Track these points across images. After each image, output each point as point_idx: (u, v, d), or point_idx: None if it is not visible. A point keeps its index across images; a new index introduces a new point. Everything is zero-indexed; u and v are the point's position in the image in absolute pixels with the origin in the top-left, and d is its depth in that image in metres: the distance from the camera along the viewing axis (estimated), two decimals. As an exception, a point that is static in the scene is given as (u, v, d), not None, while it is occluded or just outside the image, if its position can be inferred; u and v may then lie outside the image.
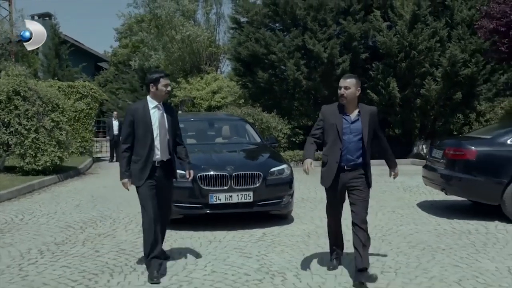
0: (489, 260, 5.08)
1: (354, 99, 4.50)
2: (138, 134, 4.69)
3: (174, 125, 4.91)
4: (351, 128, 4.48)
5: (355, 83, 4.49)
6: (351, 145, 4.48)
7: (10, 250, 5.54)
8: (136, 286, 4.35)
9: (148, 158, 4.66)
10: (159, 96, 4.76)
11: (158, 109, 4.77)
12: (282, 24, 20.59)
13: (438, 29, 18.10)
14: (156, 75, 4.81)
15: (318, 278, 4.54)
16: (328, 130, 4.52)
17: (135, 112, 4.75)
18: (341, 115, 4.51)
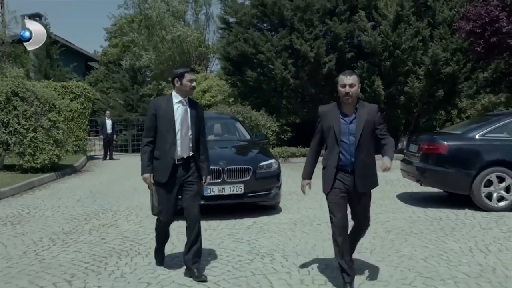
0: (454, 242, 5.72)
1: (357, 97, 4.22)
2: (161, 130, 4.56)
3: (198, 121, 4.71)
4: (349, 129, 4.19)
5: (358, 80, 4.20)
6: (351, 146, 4.18)
7: (23, 239, 6.08)
8: (141, 266, 4.92)
9: (169, 154, 4.53)
10: (184, 91, 4.60)
11: (182, 105, 4.62)
12: (270, 25, 21.17)
13: (421, 29, 18.80)
14: (181, 70, 4.65)
15: (302, 258, 5.14)
16: (326, 132, 4.24)
17: (158, 106, 4.62)
18: (339, 115, 4.22)
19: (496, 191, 7.48)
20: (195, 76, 4.76)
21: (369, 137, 4.21)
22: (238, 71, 20.88)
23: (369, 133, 4.20)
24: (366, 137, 4.18)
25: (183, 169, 4.60)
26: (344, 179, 4.21)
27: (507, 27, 12.20)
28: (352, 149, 4.16)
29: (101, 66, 36.42)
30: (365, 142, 4.17)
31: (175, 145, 4.55)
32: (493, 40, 12.63)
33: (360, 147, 4.15)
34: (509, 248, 5.43)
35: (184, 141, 4.59)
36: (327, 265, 4.86)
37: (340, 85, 4.19)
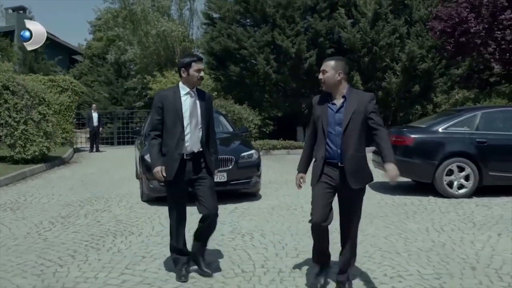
0: (414, 223, 6.42)
1: (336, 84, 3.92)
2: (167, 123, 4.31)
3: (207, 114, 4.46)
4: (336, 118, 3.93)
5: (334, 66, 3.92)
6: (338, 137, 3.92)
7: (25, 223, 6.64)
8: (135, 243, 5.52)
9: (177, 149, 4.28)
10: (191, 82, 4.33)
11: (191, 96, 4.35)
12: (252, 21, 21.73)
13: (398, 26, 19.56)
14: (187, 59, 4.39)
15: (278, 237, 5.79)
16: (317, 122, 4.03)
17: (164, 99, 4.35)
18: (327, 104, 3.99)
19: (457, 179, 8.23)
20: (203, 66, 4.43)
21: (359, 128, 3.88)
22: (221, 65, 21.43)
23: (359, 123, 3.87)
24: (355, 128, 3.86)
25: (193, 164, 4.36)
26: (331, 173, 3.95)
27: (475, 28, 12.97)
28: (339, 140, 3.90)
29: (85, 60, 36.70)
30: (353, 133, 3.86)
31: (183, 140, 4.28)
32: (462, 39, 13.41)
33: (347, 138, 3.86)
34: (461, 228, 6.14)
35: (194, 135, 4.33)
36: (299, 241, 5.52)
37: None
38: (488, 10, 12.99)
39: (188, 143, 4.31)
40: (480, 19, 13.06)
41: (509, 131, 8.47)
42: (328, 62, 3.97)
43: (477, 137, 8.25)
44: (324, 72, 3.95)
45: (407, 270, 4.56)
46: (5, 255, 5.10)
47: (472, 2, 13.13)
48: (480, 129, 8.38)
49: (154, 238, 5.73)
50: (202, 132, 4.39)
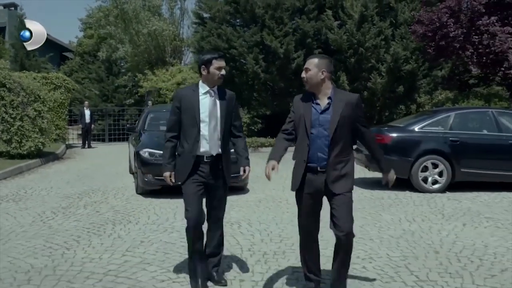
0: (389, 214, 7.01)
1: (319, 83, 3.72)
2: (184, 123, 4.13)
3: (229, 114, 4.21)
4: (320, 119, 3.72)
5: (317, 64, 3.72)
6: (321, 140, 3.71)
7: (28, 212, 7.12)
8: (134, 230, 6.04)
9: (192, 151, 4.06)
10: (211, 80, 4.09)
11: (210, 95, 4.11)
12: (242, 21, 22.26)
13: (383, 28, 20.17)
14: (208, 56, 4.12)
15: (264, 225, 6.34)
16: (298, 122, 3.80)
17: (182, 98, 4.15)
18: (311, 104, 3.77)
19: (431, 175, 8.84)
20: (224, 63, 4.16)
21: (346, 131, 3.72)
22: (211, 64, 21.90)
23: (347, 127, 3.71)
24: (343, 132, 3.69)
25: (210, 168, 4.12)
26: (312, 179, 3.75)
27: (454, 32, 13.60)
28: (321, 144, 3.70)
29: (76, 57, 36.94)
30: (341, 137, 3.69)
31: (198, 141, 4.06)
32: (442, 43, 14.04)
33: (334, 142, 3.67)
34: (431, 219, 6.73)
35: (213, 137, 4.09)
36: (283, 229, 6.08)
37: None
38: (467, 16, 13.63)
39: (205, 145, 4.07)
40: (459, 24, 13.69)
41: (480, 131, 9.11)
42: (312, 60, 3.79)
43: (450, 136, 8.87)
44: (307, 70, 3.75)
45: (377, 253, 5.14)
46: (15, 239, 5.60)
47: (451, 8, 13.75)
48: (453, 128, 8.99)
49: (150, 226, 6.25)
50: (221, 135, 4.13)
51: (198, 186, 4.08)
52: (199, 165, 4.08)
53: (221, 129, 4.14)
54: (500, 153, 8.85)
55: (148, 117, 10.56)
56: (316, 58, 3.79)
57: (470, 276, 4.46)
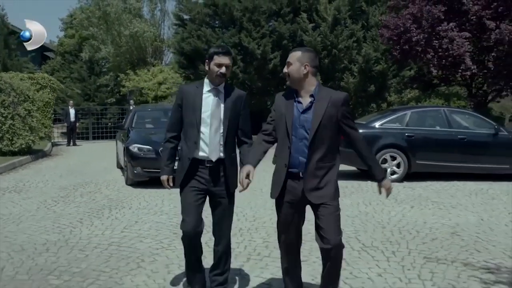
0: (349, 200, 8.07)
1: (301, 79, 3.37)
2: (185, 123, 3.80)
3: (235, 116, 3.80)
4: (300, 119, 3.37)
5: (300, 57, 3.37)
6: (302, 142, 3.35)
7: (32, 201, 8.00)
8: (128, 213, 6.98)
9: (189, 153, 3.73)
10: (211, 78, 3.74)
11: (214, 94, 3.75)
12: (221, 23, 23.21)
13: (355, 31, 21.31)
14: (212, 50, 3.77)
15: (240, 208, 7.32)
16: (278, 122, 3.47)
17: (185, 95, 3.81)
18: (293, 102, 3.42)
19: (390, 167, 9.95)
20: (228, 61, 3.71)
21: (329, 134, 3.33)
22: (191, 65, 22.83)
23: (329, 129, 3.32)
24: (325, 134, 3.31)
25: (210, 175, 3.72)
26: (292, 186, 3.39)
27: (416, 37, 14.76)
28: (302, 146, 3.34)
29: (57, 56, 37.47)
30: (322, 140, 3.30)
31: (197, 143, 3.70)
32: (406, 47, 15.20)
33: (314, 145, 3.30)
34: (385, 203, 7.79)
35: (214, 140, 3.71)
36: (256, 212, 7.09)
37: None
38: (428, 22, 14.78)
39: (204, 148, 3.71)
40: (421, 30, 14.84)
41: (433, 127, 10.24)
42: (294, 53, 3.42)
43: (407, 132, 9.98)
44: (289, 65, 3.40)
45: (334, 228, 6.18)
46: (26, 221, 6.51)
47: (414, 14, 14.89)
48: (409, 125, 10.11)
49: (142, 210, 7.21)
50: (224, 138, 3.74)
51: (198, 195, 3.70)
52: (198, 170, 3.71)
53: (224, 132, 3.73)
54: (450, 147, 9.99)
55: (135, 116, 11.48)
56: (299, 51, 3.42)
57: (406, 243, 5.53)
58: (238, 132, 3.87)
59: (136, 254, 5.02)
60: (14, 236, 5.73)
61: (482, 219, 6.78)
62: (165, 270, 4.57)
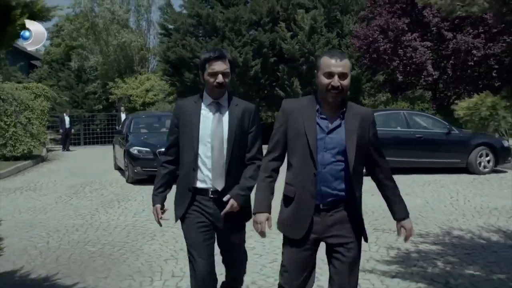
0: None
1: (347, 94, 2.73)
2: (182, 146, 3.22)
3: (241, 134, 3.18)
4: (326, 140, 2.68)
5: (349, 65, 2.73)
6: (326, 169, 2.69)
7: (48, 197, 9.29)
8: (134, 204, 8.32)
9: (189, 182, 3.16)
10: (208, 90, 3.17)
11: (215, 110, 3.17)
12: (204, 33, 24.54)
13: (331, 38, 22.76)
14: (202, 57, 3.17)
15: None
16: (294, 142, 2.73)
17: (182, 110, 3.25)
18: (316, 117, 2.71)
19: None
20: (224, 65, 3.09)
21: (362, 159, 2.79)
22: (177, 72, 24.15)
23: (362, 154, 2.77)
24: (359, 160, 2.75)
25: (215, 208, 3.12)
26: (315, 220, 2.72)
27: (383, 46, 16.32)
28: (326, 173, 2.69)
29: (44, 65, 38.45)
30: (356, 167, 2.74)
31: (195, 171, 3.13)
32: (374, 55, 16.76)
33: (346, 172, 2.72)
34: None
35: (218, 165, 3.12)
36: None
37: (326, 73, 2.67)
38: (393, 33, 16.37)
39: (206, 175, 3.12)
40: (387, 40, 16.41)
41: (395, 128, 11.74)
42: (346, 59, 2.70)
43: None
44: (344, 77, 2.67)
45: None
46: (50, 212, 7.84)
47: (381, 26, 16.45)
48: (373, 126, 11.57)
49: (146, 202, 8.53)
50: (227, 163, 3.12)
51: (206, 233, 3.13)
52: (200, 202, 3.13)
53: (227, 155, 3.11)
54: (409, 145, 11.50)
55: (133, 122, 12.81)
56: (345, 58, 2.71)
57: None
58: (247, 154, 3.18)
59: (149, 231, 6.39)
60: (46, 222, 7.06)
61: (427, 202, 8.28)
62: (173, 241, 5.94)
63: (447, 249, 5.55)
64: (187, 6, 24.64)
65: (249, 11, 23.28)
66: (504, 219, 6.96)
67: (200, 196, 3.14)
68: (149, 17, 30.12)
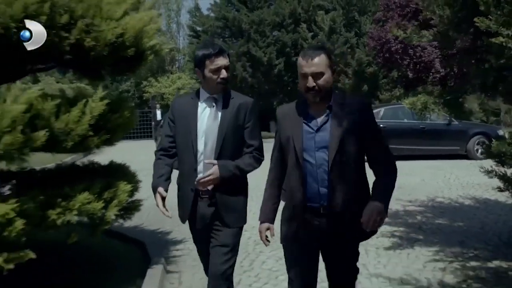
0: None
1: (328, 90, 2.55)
2: (178, 144, 3.06)
3: (235, 130, 2.99)
4: (316, 140, 2.54)
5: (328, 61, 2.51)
6: (321, 169, 2.51)
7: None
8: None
9: (188, 183, 2.99)
10: (210, 86, 2.99)
11: (210, 105, 3.02)
12: (231, 34, 26.29)
13: (349, 38, 24.34)
14: (200, 53, 2.97)
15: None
16: (286, 147, 2.65)
17: (177, 108, 3.09)
18: (301, 119, 2.60)
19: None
20: (225, 60, 2.98)
21: (354, 153, 2.54)
22: (205, 71, 25.98)
23: (353, 146, 2.52)
24: (349, 154, 2.52)
25: (209, 206, 2.99)
26: (311, 224, 2.59)
27: (394, 47, 17.92)
28: (322, 173, 2.51)
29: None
30: (347, 162, 2.51)
31: (196, 170, 2.96)
32: (387, 55, 18.39)
33: (337, 170, 2.49)
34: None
35: (208, 164, 2.93)
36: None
37: (300, 75, 2.54)
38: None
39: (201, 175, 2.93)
40: (398, 41, 17.98)
41: (401, 120, 13.43)
42: (318, 57, 2.48)
43: (380, 124, 13.15)
44: (318, 76, 2.48)
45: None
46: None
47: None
48: (382, 118, 13.31)
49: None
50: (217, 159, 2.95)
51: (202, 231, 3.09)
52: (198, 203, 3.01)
53: (216, 152, 2.96)
54: (414, 134, 13.19)
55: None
56: (321, 53, 2.52)
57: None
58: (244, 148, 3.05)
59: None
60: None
61: (423, 180, 10.00)
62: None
63: (427, 209, 7.33)
64: (215, 9, 26.44)
65: (273, 13, 24.93)
66: (482, 191, 8.64)
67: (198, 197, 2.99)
68: (179, 20, 32.09)
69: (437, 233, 6.06)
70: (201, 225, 3.04)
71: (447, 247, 5.41)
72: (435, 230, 6.16)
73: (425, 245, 5.53)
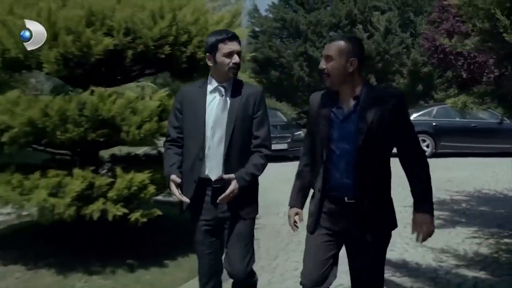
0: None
1: (344, 77, 2.52)
2: (185, 134, 3.02)
3: (244, 120, 2.95)
4: (341, 130, 2.55)
5: (344, 49, 2.50)
6: (344, 160, 2.55)
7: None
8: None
9: (191, 173, 2.96)
10: (221, 73, 2.93)
11: (220, 94, 2.96)
12: (288, 35, 27.08)
13: (405, 38, 24.70)
14: (212, 38, 2.92)
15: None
16: (316, 134, 2.67)
17: (185, 97, 3.06)
18: (330, 107, 2.59)
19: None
20: (238, 46, 2.94)
21: (379, 145, 2.53)
22: (263, 71, 27.03)
23: (379, 139, 2.51)
24: (374, 146, 2.50)
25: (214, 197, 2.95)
26: (332, 214, 2.62)
27: (448, 48, 18.39)
28: (345, 163, 2.54)
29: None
30: (371, 154, 2.50)
31: (202, 160, 2.93)
32: (441, 56, 18.91)
33: (361, 161, 2.50)
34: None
35: (216, 153, 2.93)
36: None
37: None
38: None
39: (208, 164, 2.94)
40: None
41: (454, 118, 14.06)
42: (334, 43, 2.56)
43: (433, 122, 13.86)
44: (328, 59, 2.55)
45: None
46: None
47: (447, 29, 18.54)
48: (435, 117, 14.00)
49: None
50: (225, 151, 2.92)
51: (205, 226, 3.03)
52: (205, 193, 2.99)
53: (226, 142, 2.92)
54: (466, 132, 13.81)
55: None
56: (341, 41, 2.54)
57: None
58: (253, 140, 3.00)
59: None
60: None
61: (472, 174, 10.68)
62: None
63: (472, 199, 8.13)
64: (273, 10, 27.41)
65: (329, 14, 25.58)
66: (527, 186, 9.32)
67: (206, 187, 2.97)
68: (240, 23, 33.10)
69: (479, 217, 6.90)
70: (211, 216, 3.01)
71: (486, 228, 6.25)
72: (478, 215, 7.00)
73: (466, 226, 6.39)
